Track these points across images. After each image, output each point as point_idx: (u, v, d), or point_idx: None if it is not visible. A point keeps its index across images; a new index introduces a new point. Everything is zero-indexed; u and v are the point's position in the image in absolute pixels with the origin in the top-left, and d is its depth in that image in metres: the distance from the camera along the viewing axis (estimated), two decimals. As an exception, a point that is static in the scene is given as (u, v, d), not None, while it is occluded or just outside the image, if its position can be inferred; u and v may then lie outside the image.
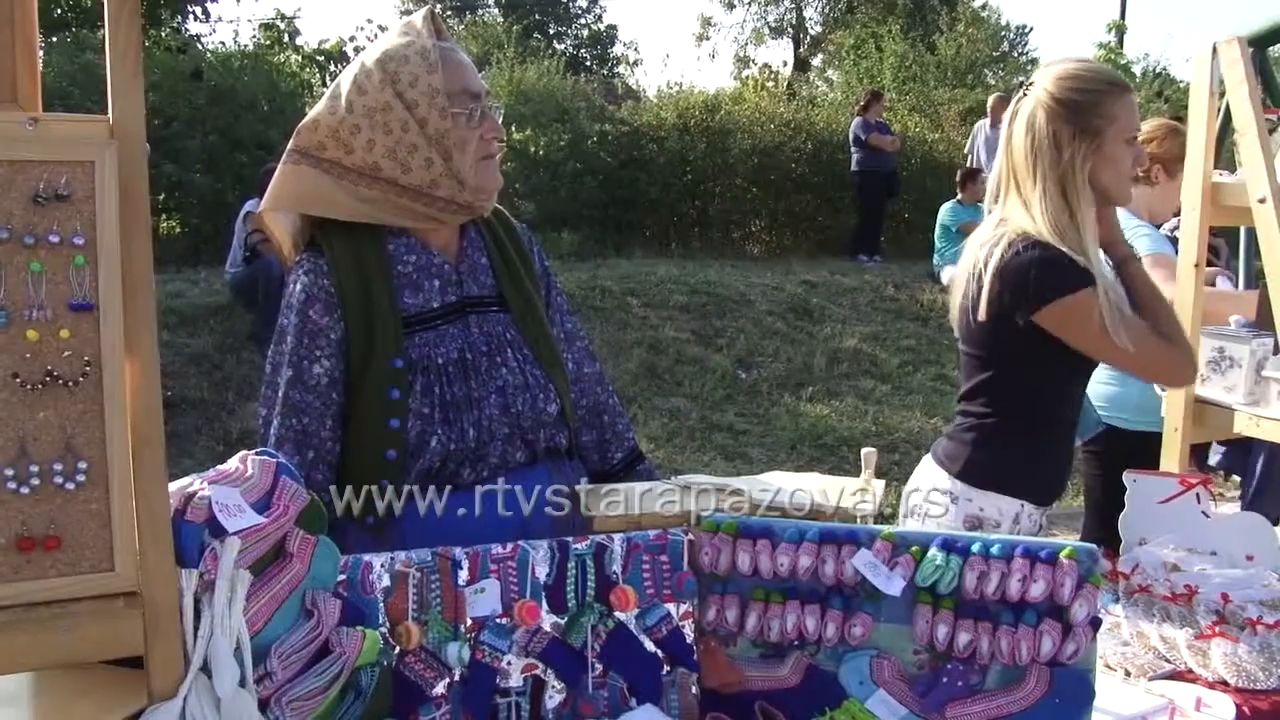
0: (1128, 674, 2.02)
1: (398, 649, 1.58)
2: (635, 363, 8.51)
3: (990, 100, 13.47)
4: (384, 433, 1.93)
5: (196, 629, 1.31)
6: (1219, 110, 2.80)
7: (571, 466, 2.15)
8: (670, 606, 1.70)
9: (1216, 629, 2.13)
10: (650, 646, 1.69)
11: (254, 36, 14.13)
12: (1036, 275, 2.33)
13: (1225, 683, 2.00)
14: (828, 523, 1.72)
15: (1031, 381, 2.48)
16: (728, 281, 10.42)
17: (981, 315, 2.39)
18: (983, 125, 13.15)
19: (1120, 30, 20.79)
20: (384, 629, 1.58)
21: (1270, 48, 8.94)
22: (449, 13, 35.97)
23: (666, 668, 1.70)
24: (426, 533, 1.81)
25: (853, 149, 13.07)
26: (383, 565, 1.59)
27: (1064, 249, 2.32)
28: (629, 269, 10.57)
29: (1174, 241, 3.31)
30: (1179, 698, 1.92)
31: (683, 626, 1.70)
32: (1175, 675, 2.03)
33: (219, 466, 1.51)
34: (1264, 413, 2.59)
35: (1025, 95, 2.44)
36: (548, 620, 1.65)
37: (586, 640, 1.66)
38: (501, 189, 2.09)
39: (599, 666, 1.67)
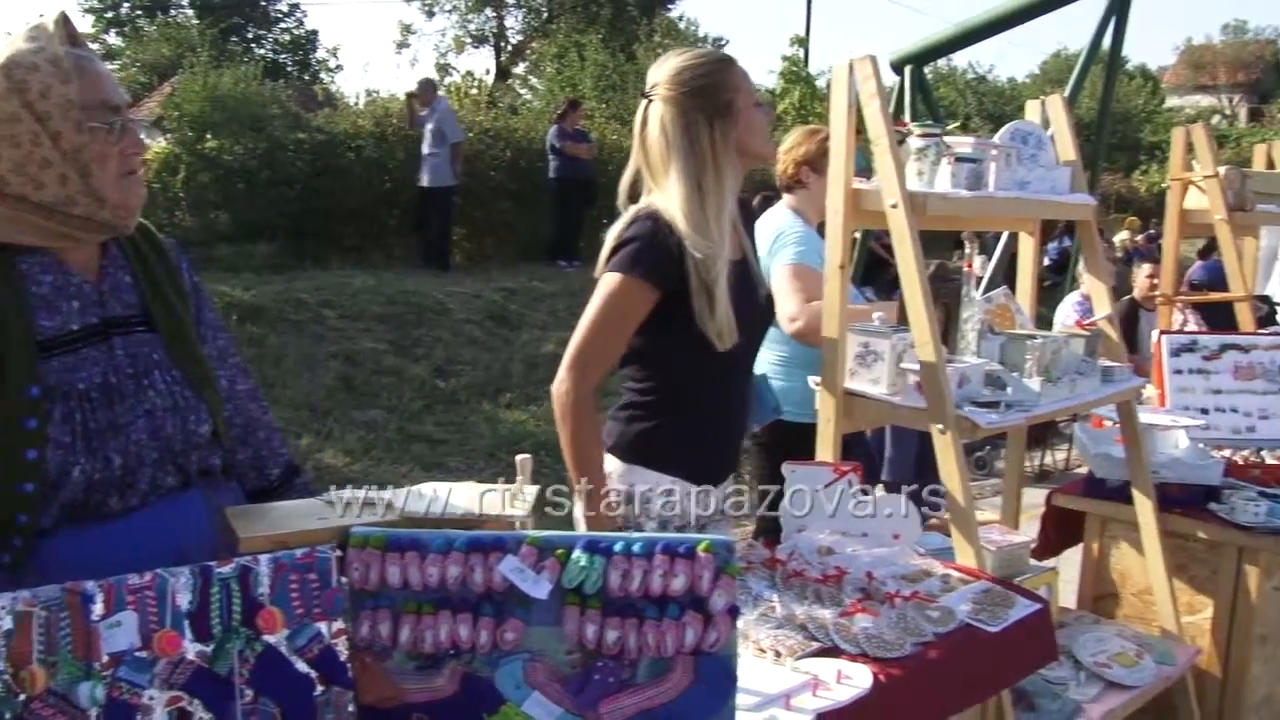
0: (778, 655, 2.13)
1: (22, 696, 1.49)
2: (331, 375, 8.32)
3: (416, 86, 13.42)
4: (19, 465, 1.80)
5: None
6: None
7: (228, 488, 2.08)
8: (321, 625, 1.67)
9: (860, 605, 2.29)
10: (302, 667, 1.66)
11: (-101, 33, 12.96)
12: (618, 245, 2.50)
13: (866, 654, 2.15)
14: (475, 531, 1.74)
15: (660, 352, 2.58)
16: (425, 290, 10.33)
17: (596, 275, 2.53)
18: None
19: (804, 44, 21.91)
20: (6, 676, 1.49)
21: (928, 65, 9.67)
22: (139, 12, 34.03)
23: (320, 688, 1.67)
24: (71, 569, 1.71)
25: (550, 157, 13.24)
26: (3, 607, 1.50)
27: (683, 232, 2.46)
28: (325, 280, 10.30)
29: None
30: (821, 672, 2.04)
31: (335, 644, 1.68)
32: (822, 652, 2.15)
33: None
34: (903, 402, 2.79)
35: (651, 101, 2.56)
36: (191, 649, 1.59)
37: (234, 666, 1.61)
38: (194, 200, 2.01)
39: (249, 692, 1.62)
